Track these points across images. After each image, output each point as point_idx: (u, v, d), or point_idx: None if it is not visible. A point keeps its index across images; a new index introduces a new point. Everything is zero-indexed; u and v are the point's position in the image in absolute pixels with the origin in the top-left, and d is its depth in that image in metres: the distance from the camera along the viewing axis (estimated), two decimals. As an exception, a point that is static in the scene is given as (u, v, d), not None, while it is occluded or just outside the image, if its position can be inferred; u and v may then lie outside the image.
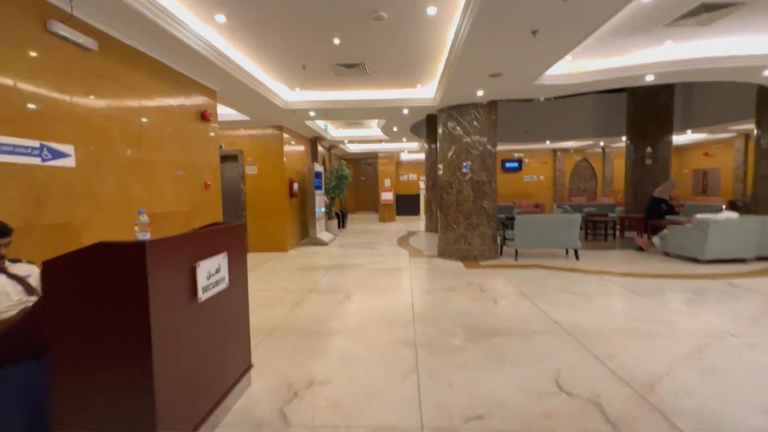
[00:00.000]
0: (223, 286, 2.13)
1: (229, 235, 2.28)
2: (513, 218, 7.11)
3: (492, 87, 5.43)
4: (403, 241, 9.24)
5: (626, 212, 10.35)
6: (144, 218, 2.02)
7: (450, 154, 6.61)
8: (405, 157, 17.06)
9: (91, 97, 3.03)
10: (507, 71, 4.73)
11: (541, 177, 14.78)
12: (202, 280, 1.90)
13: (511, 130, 11.64)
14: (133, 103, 3.50)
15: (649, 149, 10.10)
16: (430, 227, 10.77)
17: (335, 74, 5.35)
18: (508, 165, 14.79)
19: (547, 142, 12.66)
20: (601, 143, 13.41)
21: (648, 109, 10.15)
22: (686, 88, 10.28)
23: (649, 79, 5.20)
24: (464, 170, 6.50)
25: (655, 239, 7.02)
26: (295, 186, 8.21)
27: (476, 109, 6.40)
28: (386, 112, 7.09)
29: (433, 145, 10.50)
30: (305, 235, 9.13)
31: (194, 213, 4.49)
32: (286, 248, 7.96)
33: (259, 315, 3.91)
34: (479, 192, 6.51)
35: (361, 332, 3.44)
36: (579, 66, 5.17)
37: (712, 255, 5.88)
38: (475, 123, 6.43)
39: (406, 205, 15.78)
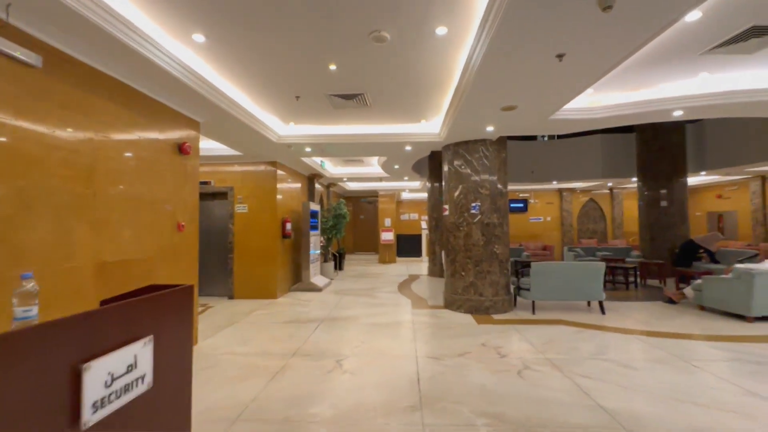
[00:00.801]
0: (140, 389, 1.41)
1: (163, 307, 1.60)
2: (527, 264, 6.41)
3: (504, 121, 4.95)
4: (404, 286, 8.46)
5: (645, 257, 9.64)
6: (30, 285, 1.36)
7: (457, 193, 6.04)
8: (406, 195, 16.61)
9: (25, 121, 2.46)
10: (523, 103, 4.25)
11: (548, 218, 14.22)
12: (93, 391, 1.19)
13: (515, 170, 11.21)
14: (85, 131, 2.94)
15: (664, 191, 9.60)
16: (434, 271, 10.02)
17: (332, 107, 4.89)
18: (513, 205, 14.27)
19: (554, 182, 12.22)
20: (609, 183, 12.96)
21: (659, 149, 9.76)
22: (697, 128, 9.96)
23: (677, 114, 4.73)
24: (473, 211, 5.90)
25: (688, 290, 6.26)
26: (288, 226, 7.59)
27: (485, 146, 5.91)
28: (387, 149, 6.61)
29: (436, 184, 10.01)
30: (298, 279, 8.37)
31: (160, 260, 3.82)
32: (275, 295, 7.18)
33: (224, 392, 3.11)
34: (490, 235, 5.86)
35: (353, 424, 2.64)
36: (598, 99, 4.72)
37: (760, 311, 5.12)
38: (484, 160, 5.91)
39: (408, 245, 15.09)
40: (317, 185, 10.17)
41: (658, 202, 9.73)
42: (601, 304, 5.78)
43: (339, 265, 11.37)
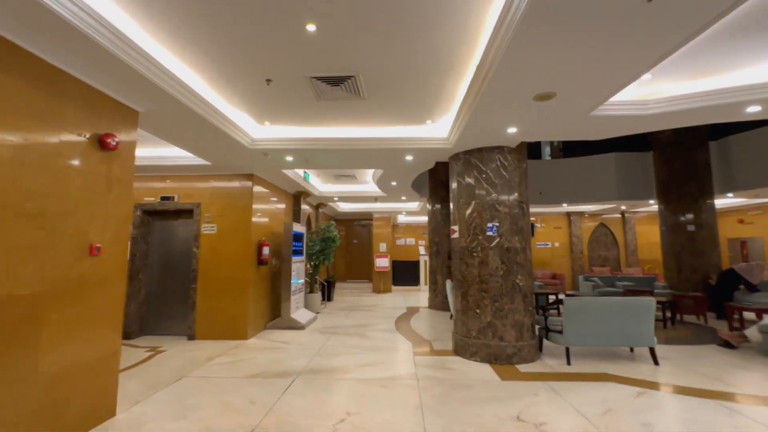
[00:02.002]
0: None
1: None
2: (556, 300, 5.26)
3: (531, 118, 3.93)
4: (402, 322, 7.19)
5: (673, 288, 8.52)
6: None
7: (469, 211, 4.95)
8: (402, 219, 15.54)
9: None
10: (565, 89, 3.23)
11: (556, 244, 13.17)
12: None
13: None
14: None
15: (690, 215, 8.62)
16: (435, 303, 8.77)
17: (316, 97, 3.84)
18: (518, 229, 13.31)
19: (564, 204, 11.24)
20: (623, 207, 12.03)
21: (683, 168, 8.86)
22: (722, 145, 9.13)
23: (752, 111, 3.75)
24: (489, 233, 4.78)
25: (751, 333, 5.11)
26: (266, 250, 6.39)
27: (502, 154, 4.88)
28: (384, 158, 5.55)
29: (437, 205, 8.96)
30: (276, 314, 7.08)
31: (57, 297, 2.61)
32: (246, 335, 5.88)
33: None
34: (511, 263, 4.72)
35: None
36: (654, 91, 3.73)
37: None
38: (501, 171, 4.86)
39: (404, 273, 13.85)
40: (304, 206, 9.05)
41: (683, 227, 8.73)
42: (652, 351, 4.59)
43: (327, 296, 10.08)
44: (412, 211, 12.42)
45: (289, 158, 5.46)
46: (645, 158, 10.19)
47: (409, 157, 5.45)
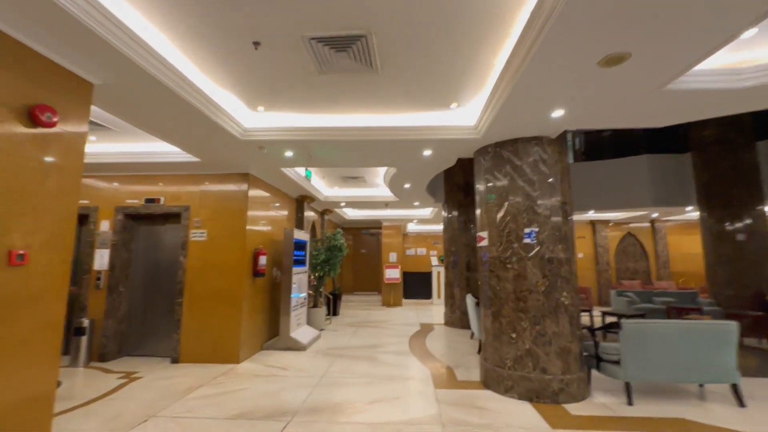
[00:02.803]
0: None
1: None
2: (608, 324, 4.38)
3: (586, 95, 3.14)
4: (417, 342, 6.33)
5: (721, 305, 7.54)
6: None
7: (500, 215, 4.13)
8: (412, 227, 14.72)
9: None
10: (642, 49, 2.44)
11: (580, 254, 12.21)
12: None
13: None
14: None
15: (740, 223, 7.67)
16: (453, 320, 7.89)
17: (317, 69, 3.10)
18: (538, 239, 12.36)
19: (591, 212, 10.33)
20: (654, 214, 11.07)
21: (729, 170, 7.94)
22: (771, 146, 8.20)
23: None
24: (527, 241, 3.95)
25: None
26: (263, 260, 5.62)
27: (541, 146, 4.08)
28: (399, 153, 4.78)
29: (454, 212, 8.14)
30: (274, 332, 6.27)
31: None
32: (237, 358, 5.08)
33: None
34: (554, 277, 3.87)
35: None
36: (752, 57, 2.92)
37: None
38: (540, 167, 4.05)
39: (416, 285, 12.97)
40: (309, 212, 8.31)
41: (730, 236, 7.78)
42: (735, 389, 3.67)
43: (333, 310, 9.25)
44: (424, 218, 11.62)
45: (289, 153, 4.72)
46: (682, 160, 9.28)
47: (427, 152, 4.67)
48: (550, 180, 4.03)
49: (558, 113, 3.48)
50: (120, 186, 5.53)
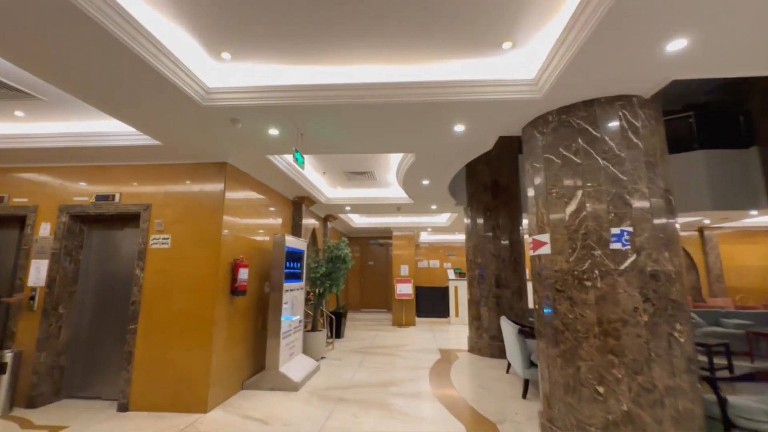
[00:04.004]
0: None
1: None
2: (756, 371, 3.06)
3: (721, 20, 1.89)
4: (439, 377, 4.99)
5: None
6: None
7: (571, 208, 2.86)
8: (424, 237, 13.45)
9: None
10: None
11: (617, 267, 10.79)
12: None
13: None
14: None
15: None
16: (480, 345, 6.53)
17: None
18: (568, 250, 10.95)
19: (634, 217, 8.94)
20: (706, 221, 9.65)
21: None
22: None
23: None
24: (615, 245, 2.67)
25: None
26: (244, 274, 4.38)
27: (630, 109, 2.82)
28: (421, 127, 3.53)
29: (479, 217, 6.87)
30: (259, 366, 4.97)
31: None
32: (205, 405, 3.81)
33: None
34: (661, 300, 2.57)
35: None
36: None
37: None
38: (632, 139, 2.79)
39: (429, 302, 11.59)
40: (308, 220, 7.10)
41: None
42: None
43: (337, 332, 7.94)
44: (440, 226, 10.34)
45: (274, 131, 3.53)
46: (745, 156, 7.92)
47: (459, 127, 3.43)
48: (647, 158, 2.75)
49: (676, 45, 2.23)
50: (66, 181, 4.39)
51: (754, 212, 8.07)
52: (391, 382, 4.88)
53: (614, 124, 2.80)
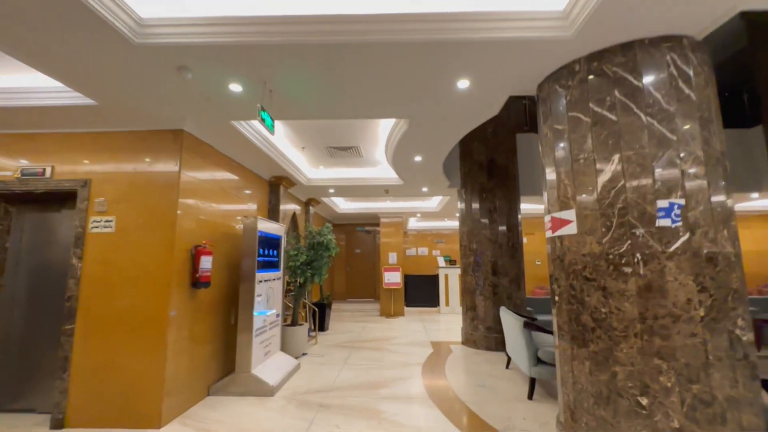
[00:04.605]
0: None
1: None
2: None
3: None
4: (433, 375, 4.48)
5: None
6: None
7: (605, 177, 2.30)
8: (412, 224, 12.91)
9: None
10: None
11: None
12: None
13: None
14: None
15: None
16: (475, 337, 6.05)
17: None
18: (562, 235, 10.55)
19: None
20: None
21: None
22: None
23: None
24: (663, 222, 2.13)
25: None
26: (206, 262, 3.72)
27: (680, 53, 2.25)
28: (415, 80, 2.91)
29: (474, 200, 6.33)
30: (229, 368, 4.35)
31: None
32: (158, 418, 3.18)
33: None
34: (721, 290, 2.05)
35: None
36: None
37: None
38: (683, 89, 2.23)
39: (418, 290, 11.13)
40: (288, 205, 6.43)
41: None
42: None
43: (320, 324, 7.36)
44: (431, 212, 9.79)
45: (236, 86, 2.85)
46: (750, 136, 7.56)
47: (463, 82, 2.81)
48: (700, 113, 2.21)
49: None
50: (-16, 150, 3.61)
51: (754, 195, 7.77)
52: (381, 382, 4.34)
53: (660, 72, 2.23)
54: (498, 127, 6.44)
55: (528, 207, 9.57)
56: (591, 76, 2.41)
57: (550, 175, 2.68)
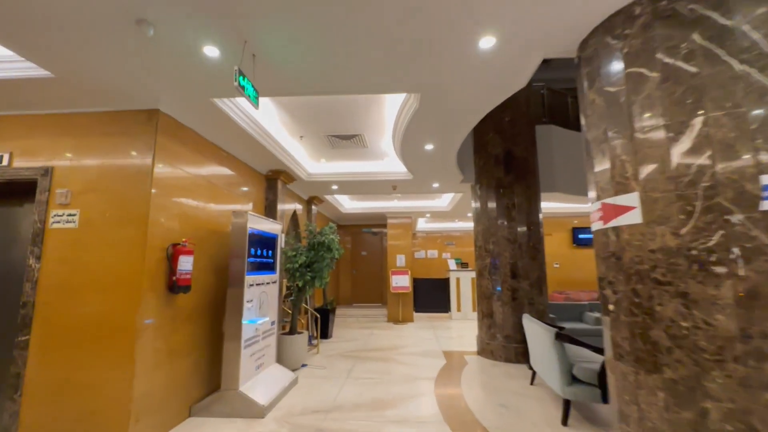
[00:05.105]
0: None
1: None
2: None
3: None
4: (448, 392, 3.92)
5: None
6: None
7: (683, 147, 1.74)
8: (421, 226, 12.36)
9: None
10: None
11: (635, 255, 9.83)
12: None
13: (573, 174, 6.69)
14: None
15: None
16: (493, 348, 5.47)
17: None
18: (582, 236, 9.93)
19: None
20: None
21: None
22: None
23: None
24: (769, 206, 1.56)
25: None
26: (186, 263, 3.22)
27: (783, -17, 1.69)
28: (426, 43, 2.39)
29: (491, 196, 5.77)
30: (215, 384, 3.83)
31: None
32: (124, 448, 2.68)
33: None
34: None
35: None
36: None
37: None
38: (790, 26, 1.67)
39: (428, 295, 10.56)
40: (286, 205, 5.94)
41: None
42: None
43: (323, 331, 6.83)
44: (441, 211, 9.23)
45: (212, 49, 2.35)
46: None
47: (487, 40, 2.27)
48: (816, 57, 1.64)
49: None
50: (-65, 136, 3.17)
51: None
52: (388, 400, 3.79)
53: (757, 8, 1.68)
54: (516, 117, 5.89)
55: (544, 205, 8.99)
56: (658, 20, 1.86)
57: (600, 152, 2.12)
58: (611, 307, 2.03)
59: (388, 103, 3.92)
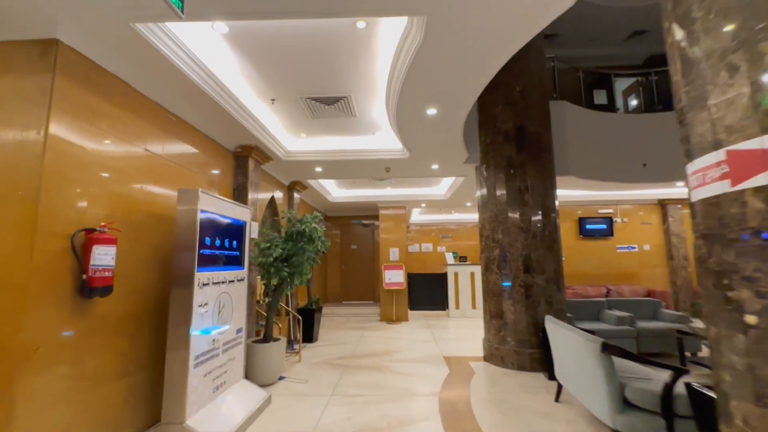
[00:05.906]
0: None
1: None
2: None
3: None
4: (457, 413, 3.12)
5: None
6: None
7: None
8: (415, 218, 11.57)
9: None
10: None
11: (645, 246, 9.13)
12: None
13: (592, 160, 6.07)
14: None
15: None
16: (503, 353, 4.70)
17: None
18: (589, 227, 9.21)
19: (679, 184, 7.19)
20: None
21: None
22: None
23: None
24: None
25: None
26: (104, 256, 2.35)
27: None
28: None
29: (500, 179, 4.96)
30: (153, 417, 2.96)
31: None
32: None
33: None
34: None
35: None
36: None
37: None
38: None
39: (423, 291, 9.78)
40: (259, 193, 5.06)
41: None
42: None
43: (307, 335, 5.99)
44: (436, 199, 8.42)
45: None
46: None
47: None
48: None
49: None
50: None
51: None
52: (382, 428, 2.98)
53: None
54: (528, 87, 5.10)
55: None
56: None
57: (702, 85, 1.32)
58: (751, 319, 1.24)
59: (382, 54, 3.06)
